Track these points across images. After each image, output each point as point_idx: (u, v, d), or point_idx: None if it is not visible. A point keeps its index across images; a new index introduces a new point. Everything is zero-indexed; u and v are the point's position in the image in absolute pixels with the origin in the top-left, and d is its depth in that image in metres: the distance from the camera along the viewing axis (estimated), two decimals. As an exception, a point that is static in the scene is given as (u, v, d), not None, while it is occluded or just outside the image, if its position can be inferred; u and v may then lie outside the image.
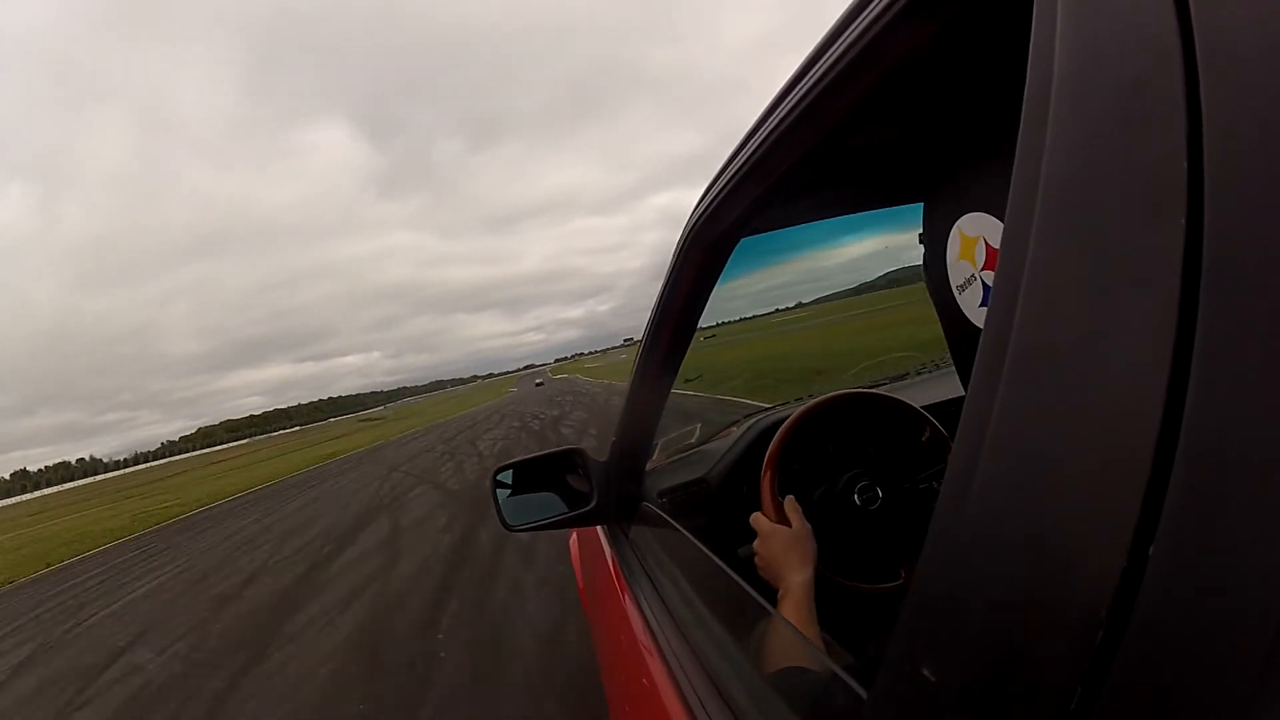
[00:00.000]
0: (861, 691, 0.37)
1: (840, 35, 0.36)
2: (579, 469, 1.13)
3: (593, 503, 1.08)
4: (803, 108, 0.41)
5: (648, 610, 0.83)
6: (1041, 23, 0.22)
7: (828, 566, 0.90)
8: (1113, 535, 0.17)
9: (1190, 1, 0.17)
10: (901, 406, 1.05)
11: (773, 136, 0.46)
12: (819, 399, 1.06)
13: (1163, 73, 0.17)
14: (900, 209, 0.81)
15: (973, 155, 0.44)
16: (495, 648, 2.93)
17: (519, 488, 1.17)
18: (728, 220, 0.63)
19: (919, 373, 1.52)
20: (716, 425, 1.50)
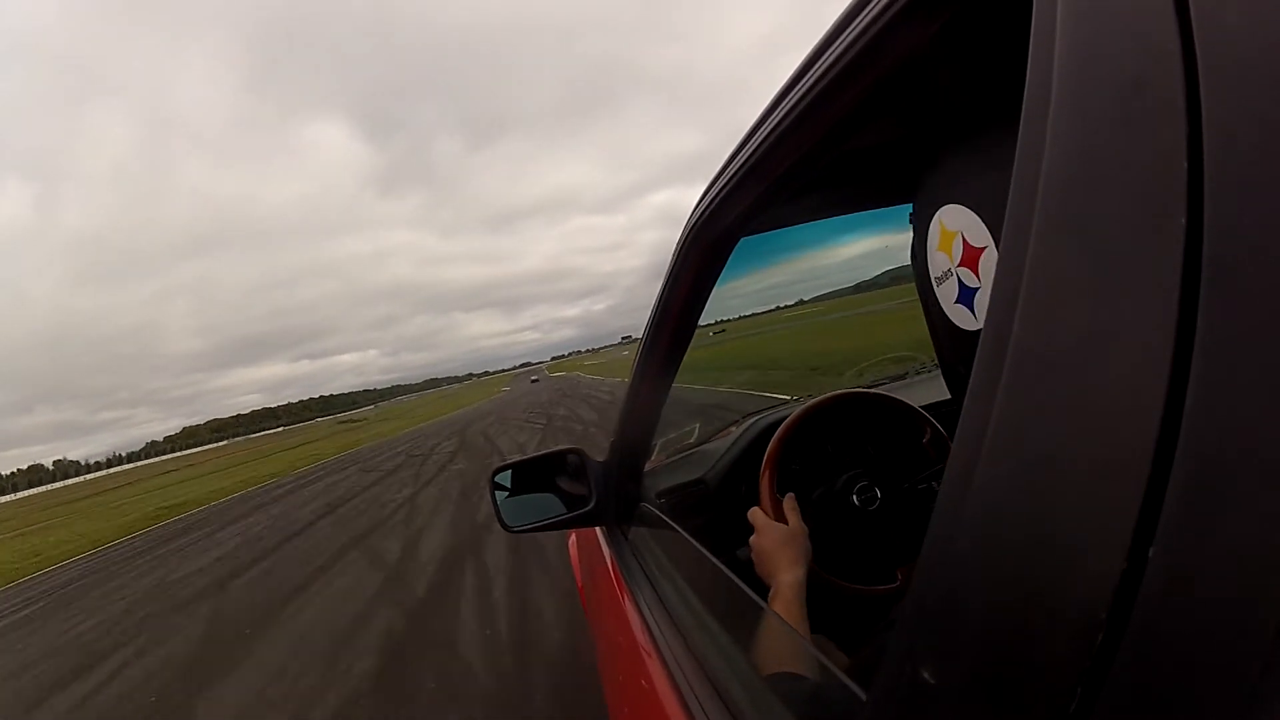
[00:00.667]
0: (861, 693, 0.37)
1: (840, 35, 0.36)
2: (577, 469, 1.12)
3: (591, 503, 1.08)
4: (802, 108, 0.41)
5: (647, 611, 0.83)
6: (1041, 22, 0.22)
7: (825, 567, 0.90)
8: (1113, 535, 0.17)
9: (1190, 1, 0.17)
10: (901, 406, 1.05)
11: (772, 136, 0.46)
12: (818, 399, 1.06)
13: (1163, 73, 0.17)
14: (900, 209, 0.81)
15: (964, 147, 0.44)
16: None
17: (517, 488, 1.17)
18: (728, 220, 0.63)
19: (918, 373, 1.52)
20: (715, 425, 1.50)
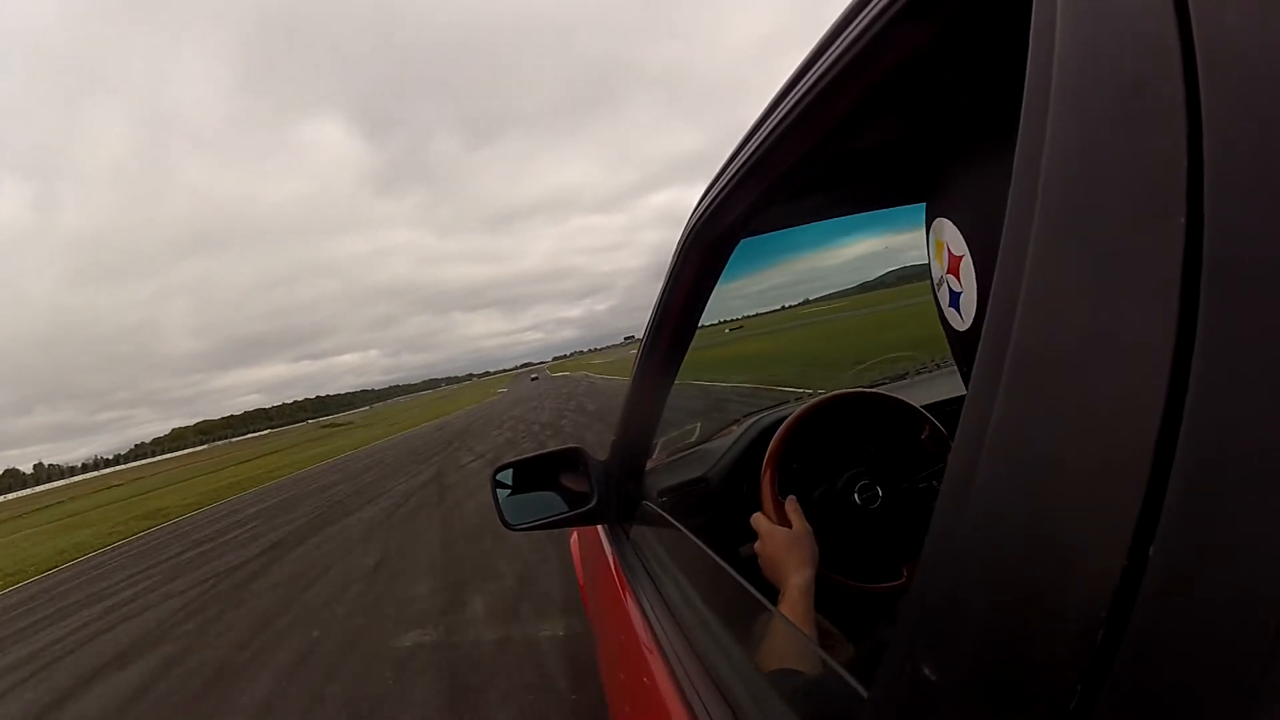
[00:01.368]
0: (862, 691, 0.37)
1: (840, 35, 0.36)
2: (579, 468, 1.13)
3: (593, 502, 1.08)
4: (802, 108, 0.41)
5: (648, 609, 0.83)
6: (1040, 22, 0.22)
7: (828, 565, 0.90)
8: (1113, 535, 0.17)
9: (1190, 1, 0.17)
10: (901, 406, 1.05)
11: (772, 137, 0.46)
12: (819, 398, 1.06)
13: (1163, 73, 0.17)
14: (900, 210, 0.81)
15: (949, 160, 0.45)
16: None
17: (519, 487, 1.17)
18: (728, 221, 0.63)
19: (919, 372, 1.52)
20: (716, 424, 1.50)
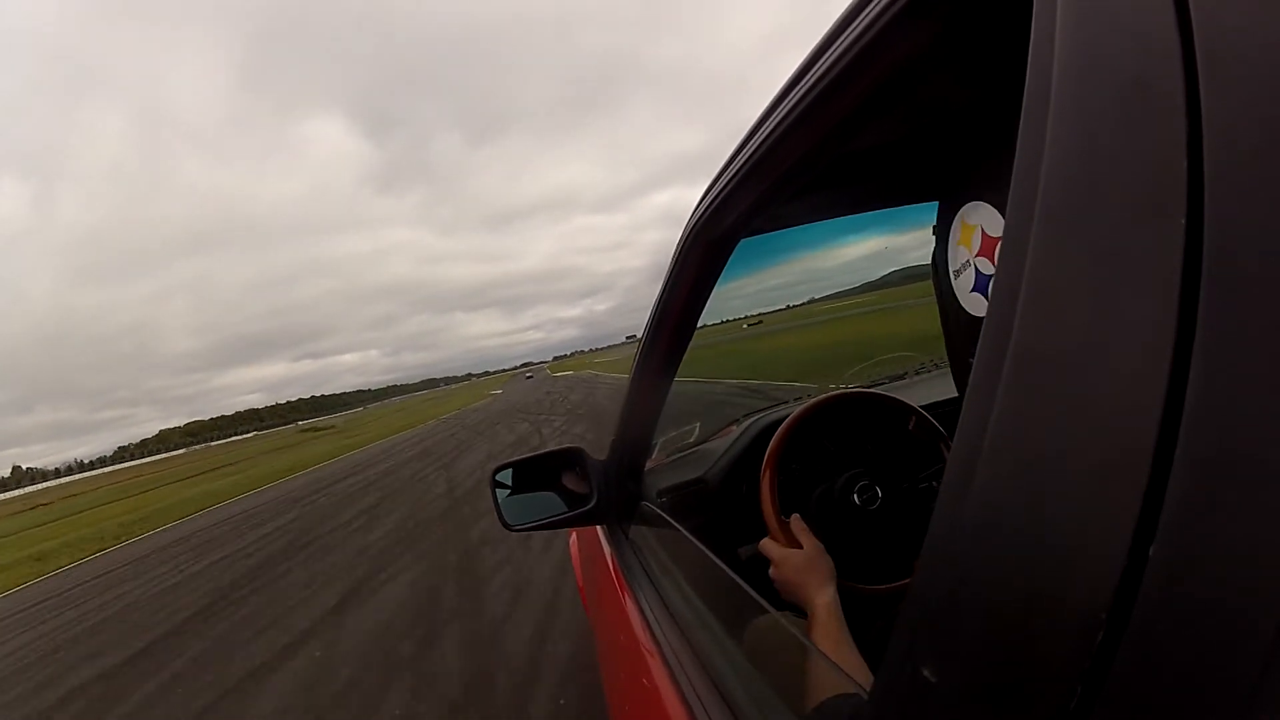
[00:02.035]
0: (862, 690, 0.37)
1: (840, 35, 0.36)
2: (578, 468, 1.12)
3: (592, 502, 1.08)
4: (802, 109, 0.41)
5: (648, 610, 0.83)
6: (1041, 22, 0.22)
7: None
8: (1113, 535, 0.17)
9: (1190, 1, 0.17)
10: (900, 406, 1.05)
11: (773, 137, 0.46)
12: (817, 398, 1.06)
13: (1163, 73, 0.17)
14: (900, 210, 0.81)
15: (979, 151, 0.45)
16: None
17: (518, 487, 1.17)
18: (728, 221, 0.63)
19: (918, 373, 1.52)
20: (716, 424, 1.50)
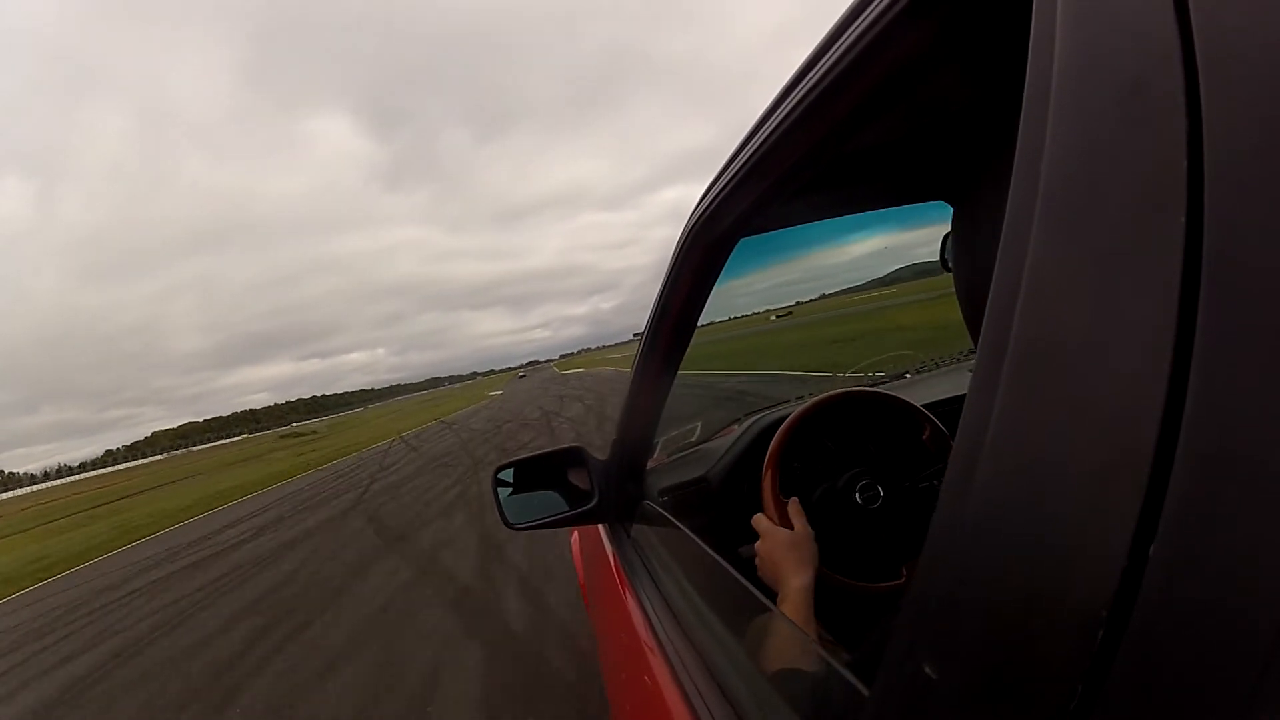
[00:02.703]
0: (863, 689, 0.38)
1: (841, 34, 0.36)
2: (580, 467, 1.13)
3: (594, 501, 1.08)
4: (804, 108, 0.41)
5: (649, 609, 0.83)
6: (1041, 22, 0.22)
7: (828, 565, 0.90)
8: (1113, 535, 0.17)
9: (1190, 1, 0.17)
10: (902, 405, 1.05)
11: (774, 136, 0.46)
12: (819, 397, 1.06)
13: (1163, 73, 0.17)
14: (900, 210, 0.81)
15: (980, 151, 0.45)
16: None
17: (520, 486, 1.17)
18: (729, 219, 0.63)
19: (919, 372, 1.52)
20: (717, 423, 1.50)
